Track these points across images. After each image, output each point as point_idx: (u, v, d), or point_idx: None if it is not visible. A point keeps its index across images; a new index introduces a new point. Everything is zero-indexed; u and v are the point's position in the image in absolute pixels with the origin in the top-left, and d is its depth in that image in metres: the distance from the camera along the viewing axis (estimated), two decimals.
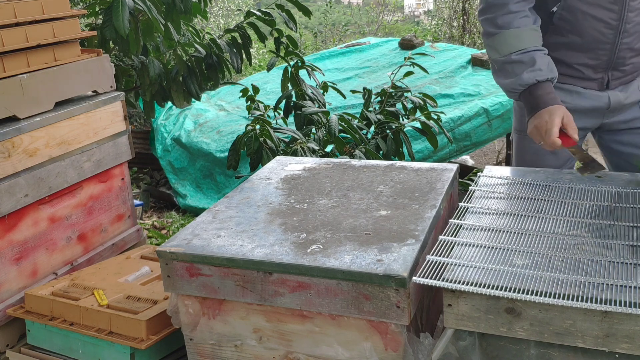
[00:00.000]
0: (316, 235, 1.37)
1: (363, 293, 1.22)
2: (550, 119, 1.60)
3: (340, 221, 1.43)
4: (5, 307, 1.86)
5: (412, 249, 1.27)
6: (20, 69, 1.94)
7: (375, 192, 1.58)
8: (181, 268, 1.37)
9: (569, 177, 1.62)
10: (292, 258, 1.28)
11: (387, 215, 1.44)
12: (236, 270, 1.32)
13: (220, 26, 9.38)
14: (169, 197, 4.35)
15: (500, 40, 1.67)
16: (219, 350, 1.43)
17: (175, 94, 3.23)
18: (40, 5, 2.01)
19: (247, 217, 1.50)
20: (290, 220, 1.46)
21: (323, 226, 1.41)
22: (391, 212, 1.46)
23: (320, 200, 1.56)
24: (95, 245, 2.23)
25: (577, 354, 1.12)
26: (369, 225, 1.40)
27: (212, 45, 3.19)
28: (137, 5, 2.80)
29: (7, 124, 1.89)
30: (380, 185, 1.63)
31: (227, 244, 1.37)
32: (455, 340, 1.20)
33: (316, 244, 1.33)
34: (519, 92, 1.68)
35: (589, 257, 1.21)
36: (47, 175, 1.99)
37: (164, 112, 4.91)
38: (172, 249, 1.37)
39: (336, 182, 1.68)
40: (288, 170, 1.81)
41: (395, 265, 1.21)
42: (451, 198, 1.65)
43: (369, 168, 1.77)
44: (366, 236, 1.35)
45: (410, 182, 1.64)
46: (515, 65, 1.66)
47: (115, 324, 1.63)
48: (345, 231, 1.38)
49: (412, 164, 1.78)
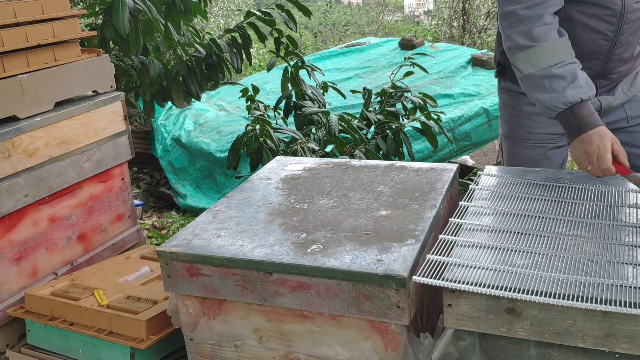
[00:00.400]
0: (316, 235, 1.37)
1: (363, 293, 1.22)
2: (602, 145, 1.51)
3: (341, 221, 1.43)
4: (5, 307, 1.86)
5: (412, 249, 1.27)
6: (20, 69, 1.94)
7: (376, 192, 1.58)
8: (181, 268, 1.37)
9: (569, 177, 1.62)
10: (292, 258, 1.28)
11: (387, 215, 1.44)
12: (236, 270, 1.32)
13: (220, 26, 9.37)
14: (169, 197, 4.35)
15: (537, 54, 1.60)
16: (219, 351, 1.43)
17: (175, 94, 3.23)
18: (40, 5, 2.01)
19: (247, 217, 1.50)
20: (291, 220, 1.46)
21: (323, 226, 1.41)
22: (391, 212, 1.46)
23: (320, 200, 1.56)
24: (95, 245, 2.23)
25: (577, 354, 1.12)
26: (369, 225, 1.40)
27: (212, 45, 3.19)
28: (137, 5, 2.80)
29: (7, 124, 1.89)
30: (381, 185, 1.63)
31: (227, 244, 1.37)
32: (455, 340, 1.20)
33: (316, 244, 1.33)
34: (560, 111, 1.60)
35: (589, 257, 1.21)
36: (47, 175, 1.99)
37: (164, 112, 4.91)
38: (172, 249, 1.37)
39: (336, 182, 1.68)
40: (288, 170, 1.81)
41: (395, 265, 1.21)
42: (451, 198, 1.65)
43: (369, 168, 1.77)
44: (366, 236, 1.35)
45: (410, 182, 1.64)
46: (555, 80, 1.58)
47: (115, 324, 1.63)
48: (346, 231, 1.38)
49: (412, 164, 1.78)
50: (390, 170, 1.75)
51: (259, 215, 1.51)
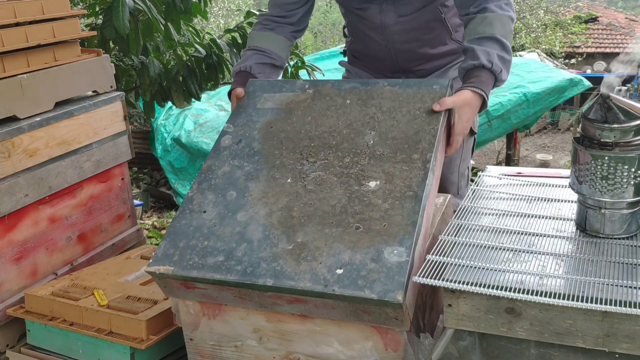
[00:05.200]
0: (305, 236, 1.29)
1: (360, 309, 1.20)
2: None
3: (327, 205, 1.34)
4: (5, 307, 1.86)
5: (405, 259, 1.20)
6: (20, 69, 1.94)
7: (363, 147, 1.46)
8: (176, 283, 1.35)
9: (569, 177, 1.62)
10: (284, 279, 1.23)
11: (376, 189, 1.35)
12: (231, 287, 1.29)
13: (220, 26, 9.38)
14: (169, 197, 4.35)
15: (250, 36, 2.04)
16: (219, 351, 1.43)
17: (175, 94, 3.23)
18: (40, 5, 2.01)
19: (227, 211, 1.40)
20: (275, 210, 1.36)
21: (309, 218, 1.33)
22: (380, 183, 1.36)
23: (303, 167, 1.44)
24: (95, 245, 2.23)
25: (577, 354, 1.12)
26: (356, 207, 1.32)
27: (212, 45, 3.19)
28: (137, 5, 2.80)
29: (7, 124, 1.89)
30: (369, 131, 1.50)
31: (216, 261, 1.30)
32: (455, 340, 1.20)
33: (305, 252, 1.26)
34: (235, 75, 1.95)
35: (589, 257, 1.21)
36: (47, 175, 1.99)
37: (164, 112, 4.92)
38: (162, 270, 1.32)
39: (318, 129, 1.53)
40: (262, 115, 1.62)
41: (389, 285, 1.16)
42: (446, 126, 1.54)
43: (352, 95, 1.60)
44: (356, 232, 1.27)
45: (400, 124, 1.50)
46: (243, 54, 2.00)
47: (115, 324, 1.63)
48: (334, 225, 1.30)
49: (399, 87, 1.59)
50: (377, 93, 1.58)
51: (242, 201, 1.40)
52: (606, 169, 1.24)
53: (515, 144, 8.20)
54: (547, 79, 6.40)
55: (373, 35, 1.95)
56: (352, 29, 2.05)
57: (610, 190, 1.25)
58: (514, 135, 7.83)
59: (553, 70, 7.16)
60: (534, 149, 12.63)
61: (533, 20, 15.80)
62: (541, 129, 14.10)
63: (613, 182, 1.24)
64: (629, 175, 1.23)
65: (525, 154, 11.54)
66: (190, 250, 1.34)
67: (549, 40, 15.60)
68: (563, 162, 11.00)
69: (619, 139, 1.22)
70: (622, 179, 1.23)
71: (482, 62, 1.58)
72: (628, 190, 1.24)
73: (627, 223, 1.28)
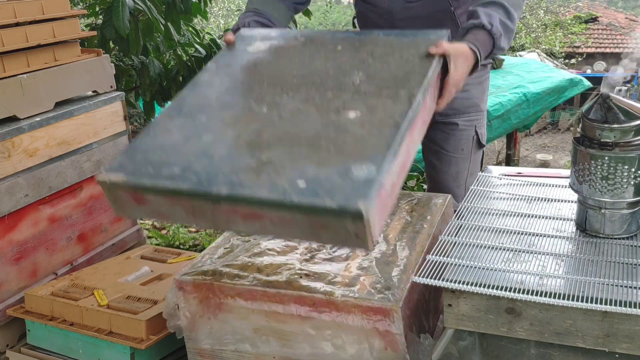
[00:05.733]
0: (271, 154, 1.18)
1: (318, 223, 1.07)
2: None
3: (301, 130, 1.24)
4: (5, 307, 1.86)
5: (373, 177, 1.08)
6: (20, 69, 1.94)
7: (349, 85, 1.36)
8: (126, 195, 1.22)
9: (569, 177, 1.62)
10: (240, 189, 1.11)
11: (354, 118, 1.24)
12: (183, 200, 1.17)
13: (220, 26, 9.38)
14: None
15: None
16: (218, 350, 1.43)
17: (175, 94, 3.22)
18: (40, 5, 2.01)
19: (198, 128, 1.30)
20: (246, 131, 1.26)
21: (280, 140, 1.22)
22: (361, 113, 1.25)
23: (282, 100, 1.34)
24: (95, 245, 2.23)
25: (577, 354, 1.12)
26: (330, 134, 1.21)
27: (212, 45, 3.20)
28: (137, 5, 2.81)
29: (7, 124, 1.89)
30: (356, 71, 1.39)
31: (171, 172, 1.18)
32: (455, 340, 1.20)
33: (269, 169, 1.14)
34: None
35: (589, 257, 1.21)
36: (47, 175, 1.99)
37: None
38: (112, 178, 1.19)
39: (306, 69, 1.44)
40: (251, 53, 1.54)
41: (351, 196, 1.04)
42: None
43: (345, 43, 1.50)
44: (326, 152, 1.16)
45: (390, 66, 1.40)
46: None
47: (115, 324, 1.63)
48: (303, 147, 1.19)
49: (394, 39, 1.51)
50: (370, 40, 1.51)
51: (211, 124, 1.31)
52: (606, 169, 1.24)
53: (515, 144, 8.19)
54: (547, 79, 6.39)
55: (380, 22, 1.93)
56: (360, 18, 2.04)
57: (610, 190, 1.25)
58: (514, 135, 7.83)
59: (553, 71, 7.15)
60: (534, 149, 12.63)
61: (533, 20, 15.81)
62: (541, 129, 14.10)
63: (613, 182, 1.24)
64: (629, 175, 1.23)
65: (525, 154, 11.54)
66: (147, 163, 1.23)
67: (549, 40, 15.61)
68: (563, 162, 11.00)
69: (619, 139, 1.22)
70: (622, 179, 1.23)
71: (482, 21, 1.52)
72: (628, 190, 1.24)
73: (627, 223, 1.28)
